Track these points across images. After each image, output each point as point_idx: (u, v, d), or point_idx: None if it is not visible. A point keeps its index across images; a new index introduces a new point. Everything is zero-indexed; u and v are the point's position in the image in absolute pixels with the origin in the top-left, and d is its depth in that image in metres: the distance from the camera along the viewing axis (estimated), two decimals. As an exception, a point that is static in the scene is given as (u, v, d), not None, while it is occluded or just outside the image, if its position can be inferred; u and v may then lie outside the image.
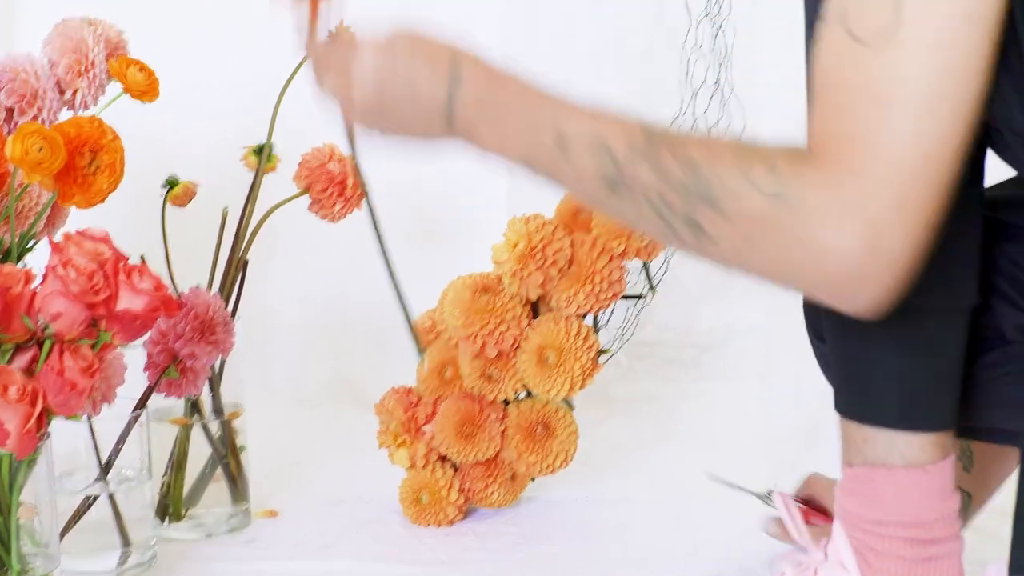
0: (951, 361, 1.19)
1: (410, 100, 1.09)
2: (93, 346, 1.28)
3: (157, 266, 1.41)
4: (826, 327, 1.25)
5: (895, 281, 0.97)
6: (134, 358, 1.47)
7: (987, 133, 1.06)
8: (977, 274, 1.20)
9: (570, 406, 1.66)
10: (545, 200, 1.68)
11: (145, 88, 1.45)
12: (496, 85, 1.07)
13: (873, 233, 0.95)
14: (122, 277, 1.29)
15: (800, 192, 0.96)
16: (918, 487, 1.17)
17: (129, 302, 1.29)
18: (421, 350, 1.23)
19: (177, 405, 1.60)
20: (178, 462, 1.60)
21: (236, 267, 1.59)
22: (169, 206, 1.58)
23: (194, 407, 1.60)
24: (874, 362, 1.19)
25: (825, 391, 1.29)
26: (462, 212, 2.15)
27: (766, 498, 1.47)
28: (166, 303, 1.32)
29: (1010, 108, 1.00)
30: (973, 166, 1.16)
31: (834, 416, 1.24)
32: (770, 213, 0.97)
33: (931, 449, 1.17)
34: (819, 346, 1.30)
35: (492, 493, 1.65)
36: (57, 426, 1.35)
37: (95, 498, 1.47)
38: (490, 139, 1.08)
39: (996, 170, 1.22)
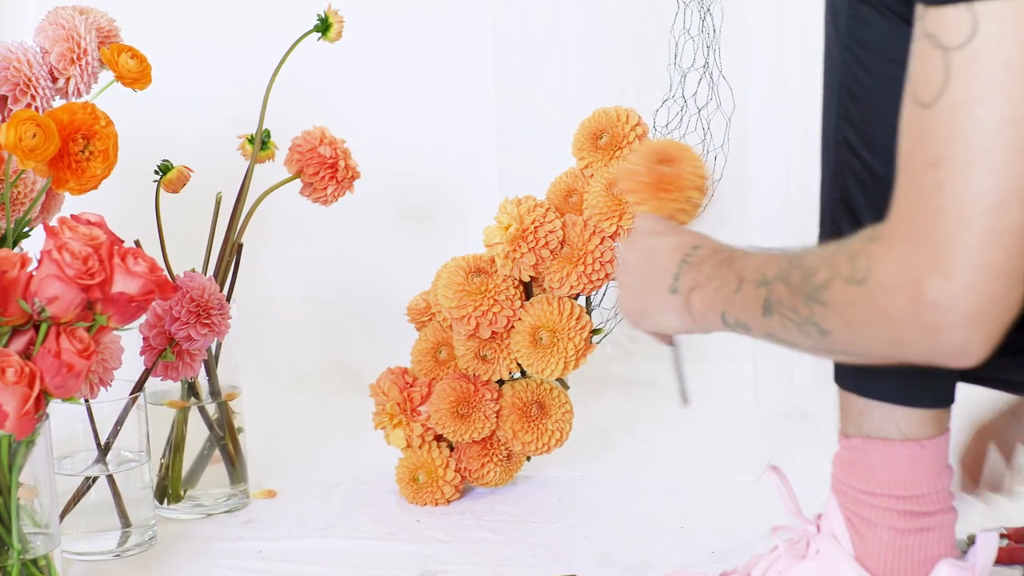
0: None
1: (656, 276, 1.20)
2: (89, 329, 1.29)
3: (152, 252, 1.42)
4: None
5: (995, 322, 0.97)
6: (131, 341, 1.49)
7: None
8: None
9: (565, 386, 1.68)
10: (536, 182, 1.70)
11: (137, 75, 1.46)
12: (712, 261, 1.16)
13: (946, 291, 0.96)
14: (117, 260, 1.30)
15: (868, 270, 1.00)
16: (914, 461, 1.17)
17: (124, 285, 1.30)
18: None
19: (174, 388, 1.61)
20: (176, 444, 1.61)
21: (231, 251, 1.60)
22: (163, 192, 1.59)
23: (191, 389, 1.62)
24: None
25: (817, 368, 1.28)
26: (454, 194, 2.16)
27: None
28: (161, 285, 1.33)
29: None
30: None
31: (827, 394, 1.24)
32: (855, 298, 1.01)
33: (929, 424, 1.17)
34: None
35: (488, 472, 1.66)
36: (56, 410, 1.37)
37: (94, 479, 1.49)
38: (698, 299, 1.16)
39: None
